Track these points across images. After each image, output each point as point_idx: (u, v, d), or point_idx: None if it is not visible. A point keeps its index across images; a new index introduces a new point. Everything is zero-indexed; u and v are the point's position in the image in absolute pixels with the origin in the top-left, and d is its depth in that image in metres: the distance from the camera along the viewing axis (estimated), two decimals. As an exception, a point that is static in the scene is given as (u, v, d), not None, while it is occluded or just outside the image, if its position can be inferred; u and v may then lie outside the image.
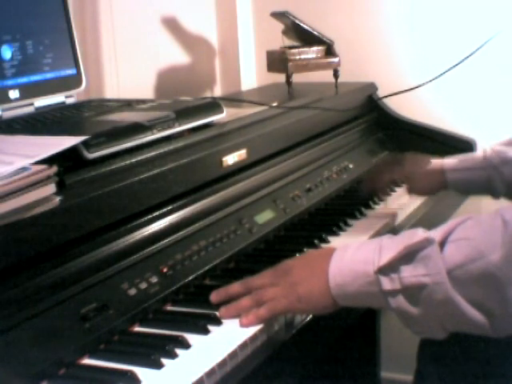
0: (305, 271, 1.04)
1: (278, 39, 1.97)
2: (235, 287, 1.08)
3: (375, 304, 1.00)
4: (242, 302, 1.04)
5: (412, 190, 1.62)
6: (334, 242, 1.37)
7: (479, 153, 1.53)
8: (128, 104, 1.42)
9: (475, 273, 0.90)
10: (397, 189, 1.72)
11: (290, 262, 1.10)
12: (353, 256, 1.00)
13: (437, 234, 0.95)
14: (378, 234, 1.43)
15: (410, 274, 0.94)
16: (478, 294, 0.91)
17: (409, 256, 0.94)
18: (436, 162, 1.57)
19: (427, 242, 0.94)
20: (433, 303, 0.93)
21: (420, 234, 0.96)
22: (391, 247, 0.97)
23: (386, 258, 0.96)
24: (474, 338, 1.17)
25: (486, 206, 1.76)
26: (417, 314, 0.94)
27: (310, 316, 1.09)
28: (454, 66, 1.79)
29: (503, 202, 1.51)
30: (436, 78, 1.83)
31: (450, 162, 1.55)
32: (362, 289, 0.97)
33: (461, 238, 0.93)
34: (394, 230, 1.49)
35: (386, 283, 0.95)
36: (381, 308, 0.99)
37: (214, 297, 1.08)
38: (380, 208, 1.60)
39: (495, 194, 1.50)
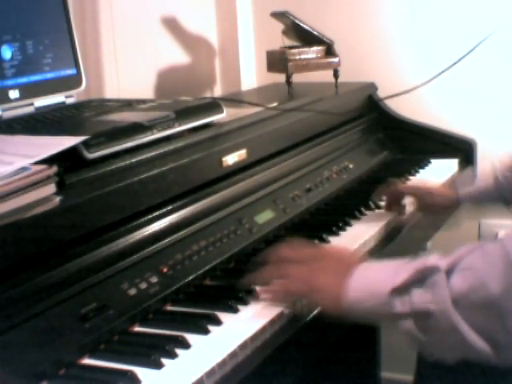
0: (331, 267, 1.08)
1: (277, 39, 1.97)
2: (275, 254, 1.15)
3: (383, 322, 1.05)
4: (265, 270, 1.12)
5: (423, 208, 1.57)
6: (334, 242, 1.37)
7: (490, 179, 1.52)
8: (128, 104, 1.42)
9: (478, 303, 0.92)
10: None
11: (327, 250, 1.21)
12: (372, 274, 1.04)
13: (446, 261, 0.97)
14: (379, 233, 1.43)
15: (419, 299, 0.96)
16: (482, 323, 0.92)
17: (419, 281, 0.97)
18: (452, 196, 1.56)
19: (436, 269, 0.96)
20: (439, 331, 0.95)
21: (432, 259, 0.98)
22: (406, 270, 0.99)
23: (400, 279, 0.98)
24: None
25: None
26: (425, 340, 0.97)
27: (310, 316, 1.10)
28: (450, 67, 1.80)
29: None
30: (433, 78, 1.83)
31: (465, 194, 1.54)
32: (373, 308, 1.00)
33: (467, 267, 0.95)
34: (394, 229, 1.49)
35: (398, 305, 0.97)
36: (387, 325, 1.04)
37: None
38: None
39: (507, 203, 1.51)
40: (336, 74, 1.96)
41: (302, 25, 1.91)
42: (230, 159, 1.38)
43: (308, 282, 1.07)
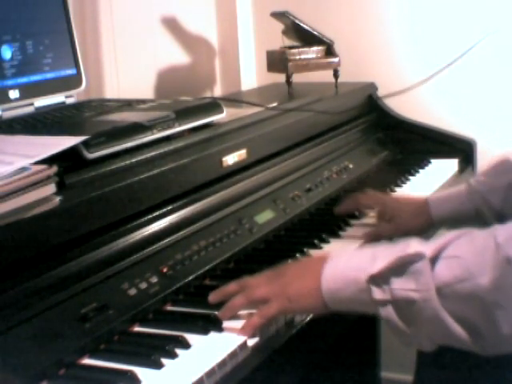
0: (298, 273, 1.05)
1: (277, 39, 1.97)
2: (231, 287, 1.08)
3: (367, 310, 0.99)
4: (235, 300, 1.05)
5: (397, 231, 1.42)
6: (334, 241, 1.37)
7: (463, 185, 1.44)
8: (128, 104, 1.42)
9: (463, 293, 0.90)
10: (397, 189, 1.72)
11: (287, 264, 1.13)
12: (347, 262, 1.01)
13: (430, 248, 0.94)
14: (379, 234, 1.43)
15: (400, 286, 0.94)
16: (466, 313, 0.91)
17: (400, 268, 0.94)
18: (419, 200, 1.47)
19: (419, 257, 0.93)
20: (421, 319, 0.93)
21: (414, 245, 0.95)
22: (384, 256, 0.96)
23: (377, 266, 0.96)
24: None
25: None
26: (405, 328, 0.95)
27: (310, 316, 1.09)
28: (450, 65, 1.80)
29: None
30: (433, 76, 1.84)
31: (433, 196, 1.47)
32: (353, 296, 0.98)
33: (452, 255, 0.92)
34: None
35: (377, 292, 0.95)
36: (373, 314, 1.00)
37: (212, 297, 1.08)
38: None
39: (485, 224, 1.44)
40: (336, 74, 1.96)
41: (302, 25, 1.91)
42: (230, 159, 1.38)
43: (284, 294, 1.02)
